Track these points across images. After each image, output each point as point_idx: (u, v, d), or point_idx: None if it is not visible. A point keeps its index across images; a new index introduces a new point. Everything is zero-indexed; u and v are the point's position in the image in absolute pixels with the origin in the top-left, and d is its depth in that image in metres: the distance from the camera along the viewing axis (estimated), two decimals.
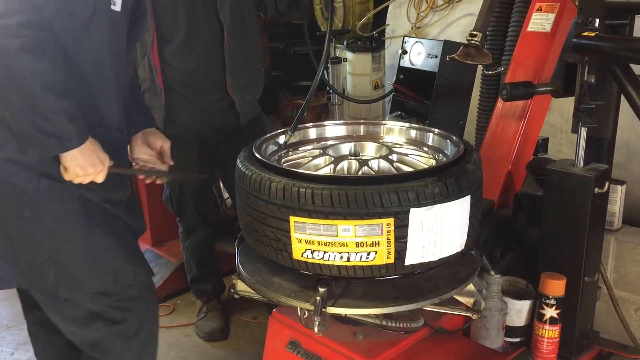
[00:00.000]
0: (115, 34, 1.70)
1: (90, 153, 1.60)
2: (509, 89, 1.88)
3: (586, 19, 1.69)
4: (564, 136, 2.67)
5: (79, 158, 1.58)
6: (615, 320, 2.15)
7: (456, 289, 1.59)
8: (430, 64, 2.69)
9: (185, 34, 2.46)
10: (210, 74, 2.53)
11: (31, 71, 1.48)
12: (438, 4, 3.22)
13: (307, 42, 2.84)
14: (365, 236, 1.42)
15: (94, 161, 1.61)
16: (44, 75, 1.49)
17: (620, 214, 2.31)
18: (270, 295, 1.59)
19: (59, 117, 1.52)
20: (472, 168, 1.54)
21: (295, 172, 1.55)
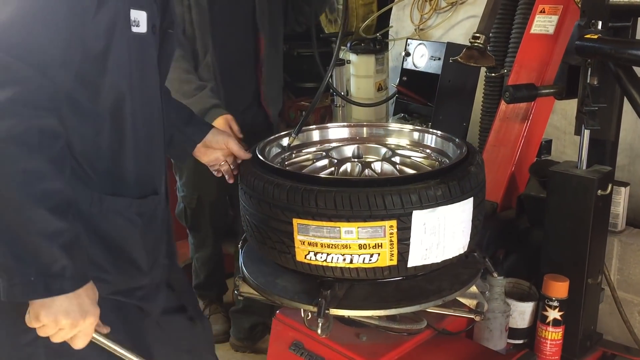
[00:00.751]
0: (141, 63, 1.36)
1: (82, 300, 1.18)
2: (512, 91, 1.89)
3: (589, 22, 1.69)
4: (567, 138, 2.67)
5: (61, 304, 1.15)
6: (619, 322, 2.15)
7: (459, 290, 1.59)
8: (434, 66, 2.70)
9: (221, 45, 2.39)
10: (246, 87, 2.50)
11: (19, 170, 1.08)
12: (441, 6, 3.23)
13: (314, 44, 2.85)
14: (368, 238, 1.42)
15: (74, 315, 1.17)
16: (36, 178, 1.09)
17: (623, 215, 2.30)
18: (273, 297, 1.60)
19: (48, 242, 1.11)
20: (475, 170, 1.54)
21: (298, 174, 1.56)
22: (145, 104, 1.39)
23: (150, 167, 1.43)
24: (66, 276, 1.15)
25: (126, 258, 1.37)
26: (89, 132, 1.29)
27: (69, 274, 1.15)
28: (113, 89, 1.29)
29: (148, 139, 1.41)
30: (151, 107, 1.42)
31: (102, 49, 1.25)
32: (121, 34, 1.27)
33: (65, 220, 1.15)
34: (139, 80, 1.35)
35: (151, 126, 1.43)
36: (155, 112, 1.45)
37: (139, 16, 1.31)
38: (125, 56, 1.30)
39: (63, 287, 1.15)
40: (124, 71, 1.30)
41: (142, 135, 1.38)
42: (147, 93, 1.40)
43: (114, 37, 1.26)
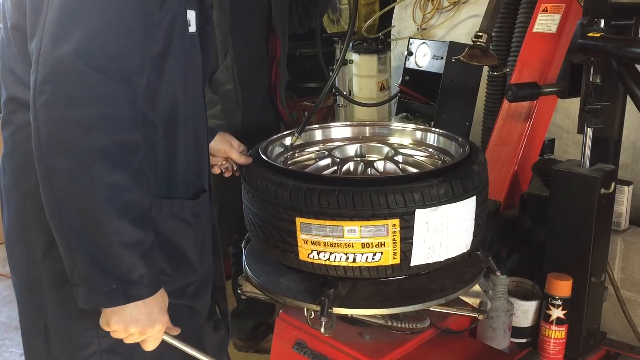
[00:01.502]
0: (192, 64, 1.35)
1: (150, 309, 1.20)
2: (515, 90, 1.89)
3: (591, 20, 1.69)
4: (570, 137, 2.67)
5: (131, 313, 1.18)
6: (623, 321, 2.15)
7: (462, 289, 1.59)
8: (436, 66, 2.70)
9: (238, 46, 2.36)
10: (262, 90, 2.48)
11: (104, 185, 1.10)
12: (444, 6, 3.23)
13: (318, 45, 2.84)
14: (371, 237, 1.43)
15: (143, 323, 1.20)
16: (119, 191, 1.11)
17: (627, 214, 2.30)
18: (277, 296, 1.60)
19: (129, 252, 1.14)
20: (478, 169, 1.54)
21: (301, 173, 1.56)
22: (194, 104, 1.38)
23: (198, 165, 1.42)
24: (144, 284, 1.18)
25: (182, 258, 1.37)
26: (147, 138, 1.28)
27: (146, 282, 1.18)
28: (170, 93, 1.29)
29: (196, 139, 1.41)
30: (198, 107, 1.42)
31: (161, 51, 1.24)
32: (179, 35, 1.26)
33: (144, 229, 1.17)
34: (192, 81, 1.35)
35: (198, 126, 1.42)
36: (201, 111, 1.45)
37: (190, 16, 1.30)
38: (181, 58, 1.29)
39: (140, 294, 1.18)
40: (180, 73, 1.30)
41: (192, 137, 1.38)
42: (196, 94, 1.40)
43: (173, 39, 1.25)
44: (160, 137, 1.31)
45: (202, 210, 1.44)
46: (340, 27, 4.08)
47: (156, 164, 1.32)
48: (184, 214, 1.37)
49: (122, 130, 1.12)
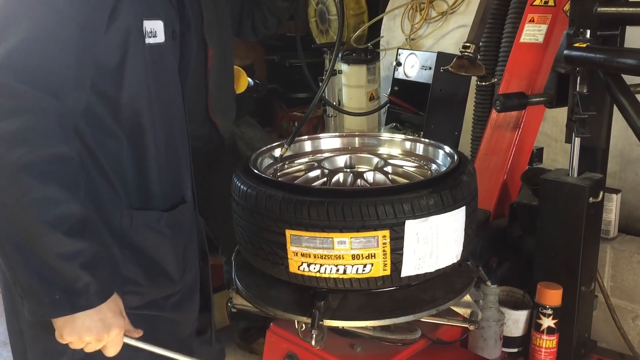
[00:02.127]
0: (161, 73, 1.35)
1: (103, 315, 1.21)
2: (503, 100, 1.90)
3: (577, 30, 1.71)
4: (558, 145, 2.68)
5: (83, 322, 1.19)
6: (613, 329, 2.15)
7: (453, 300, 1.58)
8: (425, 76, 2.72)
9: None
10: (196, 99, 2.42)
11: (33, 199, 1.10)
12: (432, 16, 3.25)
13: (300, 55, 2.84)
14: (361, 248, 1.42)
15: (97, 330, 1.21)
16: (50, 205, 1.11)
17: (616, 222, 2.32)
18: (267, 308, 1.59)
19: (68, 263, 1.14)
20: (467, 179, 1.54)
21: (290, 185, 1.56)
22: (166, 114, 1.38)
23: (175, 176, 1.42)
24: (90, 292, 1.18)
25: (158, 270, 1.37)
26: (112, 149, 1.29)
27: (94, 290, 1.18)
28: (131, 104, 1.29)
29: (171, 149, 1.41)
30: (173, 116, 1.41)
31: (117, 64, 1.25)
32: (135, 47, 1.26)
33: (82, 239, 1.17)
34: (158, 92, 1.34)
35: (174, 136, 1.42)
36: (177, 120, 1.44)
37: (155, 26, 1.30)
38: (142, 69, 1.28)
39: (90, 303, 1.18)
40: (142, 85, 1.29)
41: (165, 147, 1.38)
42: (169, 103, 1.39)
43: (129, 51, 1.25)
44: (126, 148, 1.31)
45: (182, 221, 1.44)
46: (329, 37, 4.09)
47: (124, 175, 1.32)
48: (159, 226, 1.36)
49: (50, 144, 1.12)
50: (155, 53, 1.31)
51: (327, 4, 3.99)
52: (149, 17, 1.29)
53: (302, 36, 3.15)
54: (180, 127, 1.46)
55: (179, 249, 1.43)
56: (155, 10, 1.31)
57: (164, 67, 1.36)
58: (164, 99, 1.37)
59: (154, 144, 1.35)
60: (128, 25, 1.24)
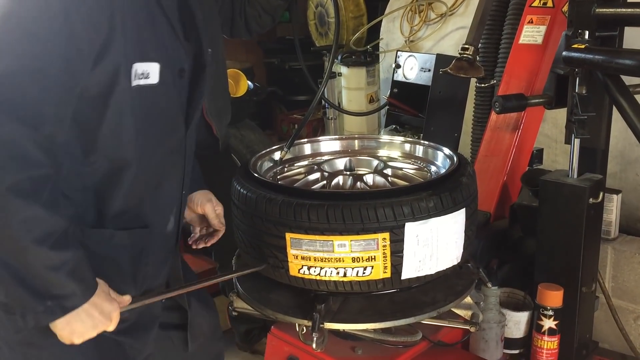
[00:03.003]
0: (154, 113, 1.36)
1: (92, 311, 1.27)
2: (502, 101, 1.90)
3: (576, 31, 1.71)
4: (558, 146, 2.68)
5: (74, 322, 1.26)
6: (615, 330, 2.15)
7: (454, 302, 1.59)
8: (424, 78, 2.72)
9: None
10: None
11: (19, 221, 1.16)
12: (431, 18, 3.25)
13: (300, 58, 2.84)
14: (361, 251, 1.42)
15: (96, 322, 1.28)
16: (35, 224, 1.18)
17: (616, 223, 2.31)
18: (268, 312, 1.59)
19: (55, 273, 1.21)
20: (467, 181, 1.54)
21: (290, 188, 1.56)
22: (153, 153, 1.39)
23: (144, 206, 1.43)
24: (77, 294, 1.25)
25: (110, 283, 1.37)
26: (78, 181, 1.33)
27: (80, 292, 1.25)
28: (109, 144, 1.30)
29: (152, 186, 1.42)
30: (163, 154, 1.42)
31: (100, 102, 1.26)
32: (121, 88, 1.27)
33: (67, 250, 1.23)
34: (146, 132, 1.35)
35: (162, 174, 1.43)
36: (171, 156, 1.45)
37: (148, 68, 1.30)
38: (126, 109, 1.29)
39: (76, 303, 1.25)
40: (126, 126, 1.30)
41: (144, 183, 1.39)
42: (159, 142, 1.40)
43: (114, 91, 1.26)
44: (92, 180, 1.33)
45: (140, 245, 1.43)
46: (328, 40, 4.09)
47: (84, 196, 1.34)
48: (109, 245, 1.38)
49: (29, 168, 1.16)
50: (145, 94, 1.32)
51: (326, 6, 3.99)
52: (142, 59, 1.29)
53: (302, 39, 3.14)
54: (174, 163, 1.47)
55: (138, 275, 1.45)
56: (150, 53, 1.31)
57: (156, 107, 1.37)
58: (153, 138, 1.38)
59: (128, 178, 1.36)
60: (116, 66, 1.25)
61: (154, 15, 1.33)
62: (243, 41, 4.88)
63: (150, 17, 1.31)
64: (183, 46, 1.41)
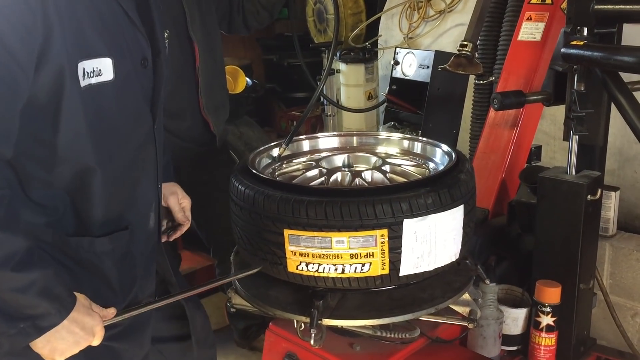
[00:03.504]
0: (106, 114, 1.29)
1: (73, 328, 1.24)
2: (500, 98, 1.90)
3: (575, 28, 1.71)
4: (557, 143, 2.68)
5: (55, 341, 1.22)
6: (612, 327, 2.15)
7: (452, 298, 1.59)
8: (422, 75, 2.71)
9: None
10: (185, 97, 2.39)
11: None
12: (429, 15, 3.25)
13: (299, 54, 2.84)
14: (360, 248, 1.42)
15: (77, 338, 1.24)
16: None
17: (614, 220, 2.31)
18: (266, 308, 1.59)
19: (23, 295, 1.17)
20: (465, 177, 1.54)
21: (288, 185, 1.56)
22: (120, 150, 1.35)
23: (124, 206, 1.40)
24: (52, 313, 1.20)
25: (94, 294, 1.35)
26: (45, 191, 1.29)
27: (55, 310, 1.21)
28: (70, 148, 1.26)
29: (128, 185, 1.40)
30: (131, 151, 1.39)
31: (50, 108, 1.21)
32: (70, 90, 1.21)
33: (32, 270, 1.18)
34: (103, 134, 1.30)
35: (135, 170, 1.40)
36: (141, 152, 1.41)
37: (99, 64, 1.25)
38: (80, 112, 1.23)
39: (52, 323, 1.21)
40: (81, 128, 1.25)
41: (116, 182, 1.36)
42: (129, 139, 1.37)
43: (63, 94, 1.21)
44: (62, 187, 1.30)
45: (123, 249, 1.41)
46: (327, 37, 4.09)
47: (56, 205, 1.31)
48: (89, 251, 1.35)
49: None
50: (100, 92, 1.27)
51: (324, 3, 3.98)
52: (89, 57, 1.23)
53: (300, 36, 3.14)
54: (147, 159, 1.44)
55: (124, 278, 1.42)
56: (98, 49, 1.25)
57: (116, 104, 1.32)
58: (116, 136, 1.34)
59: (103, 184, 1.33)
60: (59, 68, 1.19)
61: (101, 7, 1.26)
62: (242, 38, 4.88)
63: (96, 10, 1.25)
64: (142, 34, 1.36)
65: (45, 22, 1.15)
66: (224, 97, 2.61)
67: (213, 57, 2.47)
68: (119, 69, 1.29)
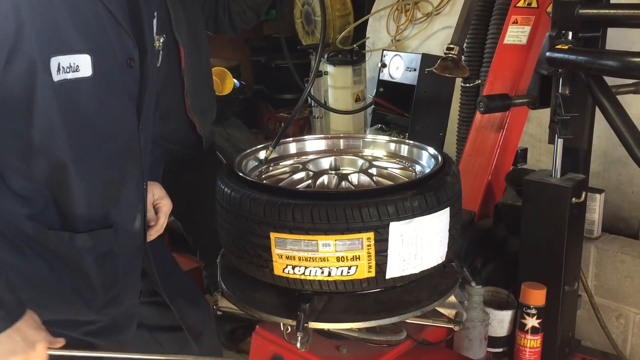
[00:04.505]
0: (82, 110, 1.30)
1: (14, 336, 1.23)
2: (486, 101, 1.90)
3: (560, 32, 1.72)
4: (542, 146, 2.70)
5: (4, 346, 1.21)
6: (597, 328, 2.17)
7: (438, 301, 1.59)
8: (409, 77, 2.73)
9: None
10: (171, 98, 2.37)
11: None
12: (417, 17, 3.26)
13: (286, 56, 2.84)
14: (346, 251, 1.42)
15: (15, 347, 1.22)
16: None
17: (599, 222, 2.33)
18: (252, 311, 1.59)
19: None
20: (451, 180, 1.55)
21: (275, 187, 1.56)
22: (101, 150, 1.35)
23: (107, 204, 1.40)
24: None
25: (72, 288, 1.35)
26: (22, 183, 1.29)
27: (1, 315, 1.21)
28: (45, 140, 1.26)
29: (111, 184, 1.40)
30: (118, 152, 1.39)
31: (22, 102, 1.22)
32: (44, 84, 1.22)
33: None
34: (78, 130, 1.30)
35: (116, 169, 1.40)
36: (125, 153, 1.41)
37: (76, 60, 1.26)
38: (54, 107, 1.24)
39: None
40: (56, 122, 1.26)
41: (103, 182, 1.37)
42: (109, 138, 1.36)
43: (36, 88, 1.21)
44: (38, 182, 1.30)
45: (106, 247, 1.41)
46: (315, 39, 4.09)
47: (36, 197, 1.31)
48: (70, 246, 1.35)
49: None
50: (76, 88, 1.27)
51: (312, 5, 3.99)
52: (64, 52, 1.24)
53: (288, 37, 3.14)
54: (130, 157, 1.44)
55: (105, 276, 1.42)
56: (75, 45, 1.26)
57: (94, 101, 1.32)
58: (92, 134, 1.34)
59: (79, 179, 1.33)
60: (31, 61, 1.20)
61: (82, 5, 1.27)
62: (230, 39, 4.87)
63: (76, 8, 1.26)
64: (128, 34, 1.36)
65: (16, 16, 1.16)
66: (210, 98, 2.60)
67: (199, 58, 2.45)
68: (99, 66, 1.29)
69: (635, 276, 2.23)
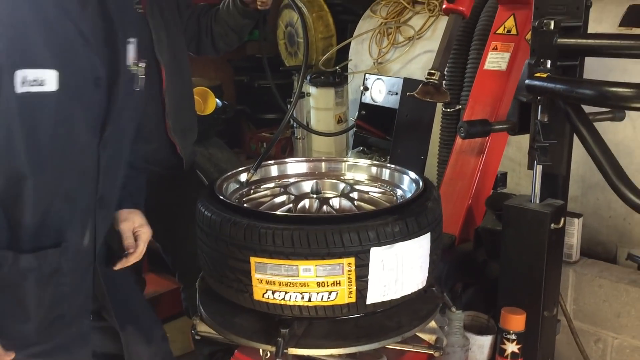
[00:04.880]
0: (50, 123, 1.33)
1: None
2: (466, 127, 1.92)
3: (538, 60, 1.75)
4: (522, 170, 2.73)
5: None
6: (576, 352, 2.18)
7: (418, 326, 1.59)
8: (391, 101, 2.75)
9: None
10: (152, 119, 2.35)
11: None
12: (399, 41, 3.30)
13: (269, 77, 2.84)
14: (327, 276, 1.42)
15: None
16: None
17: (578, 246, 2.35)
18: (231, 336, 1.57)
19: None
20: (432, 205, 1.56)
21: (255, 212, 1.55)
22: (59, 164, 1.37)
23: (59, 221, 1.41)
24: None
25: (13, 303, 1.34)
26: None
27: None
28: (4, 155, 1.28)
29: (63, 198, 1.40)
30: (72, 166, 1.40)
31: None
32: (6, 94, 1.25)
33: None
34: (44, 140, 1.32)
35: (70, 183, 1.41)
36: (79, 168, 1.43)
37: (42, 75, 1.29)
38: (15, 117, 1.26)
39: None
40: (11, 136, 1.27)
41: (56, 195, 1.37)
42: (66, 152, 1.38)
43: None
44: None
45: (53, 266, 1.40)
46: (298, 60, 4.11)
47: None
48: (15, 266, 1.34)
49: None
50: (39, 102, 1.30)
51: (296, 26, 4.01)
52: (30, 66, 1.27)
53: (271, 58, 3.15)
54: (83, 172, 1.45)
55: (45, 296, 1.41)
56: (42, 60, 1.29)
57: (55, 115, 1.34)
58: (51, 147, 1.35)
59: (32, 189, 1.34)
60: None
61: (53, 22, 1.30)
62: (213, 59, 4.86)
63: (47, 24, 1.29)
64: (98, 54, 1.40)
65: None
66: (192, 119, 2.58)
67: (181, 79, 2.44)
68: (66, 83, 1.33)
69: (613, 300, 2.25)
